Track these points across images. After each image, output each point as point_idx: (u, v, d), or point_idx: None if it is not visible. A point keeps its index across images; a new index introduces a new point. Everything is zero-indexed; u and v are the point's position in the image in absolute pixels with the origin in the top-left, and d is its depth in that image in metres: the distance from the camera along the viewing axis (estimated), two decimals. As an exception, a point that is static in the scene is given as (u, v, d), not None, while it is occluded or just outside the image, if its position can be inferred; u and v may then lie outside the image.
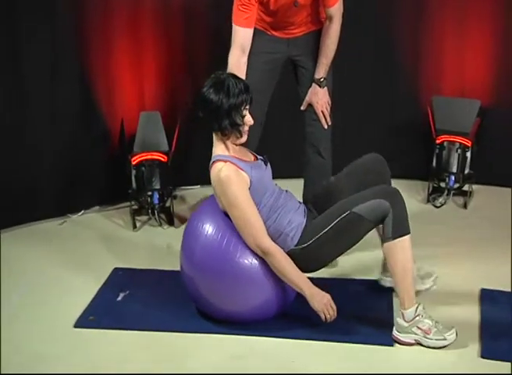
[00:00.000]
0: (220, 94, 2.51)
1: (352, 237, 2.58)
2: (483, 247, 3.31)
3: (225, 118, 2.53)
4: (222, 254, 2.56)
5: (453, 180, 3.83)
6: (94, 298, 2.89)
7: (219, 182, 2.54)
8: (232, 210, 2.54)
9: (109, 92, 3.79)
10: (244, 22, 2.87)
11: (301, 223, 2.61)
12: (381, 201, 2.50)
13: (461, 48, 4.00)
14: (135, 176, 3.62)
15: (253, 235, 2.52)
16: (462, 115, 3.87)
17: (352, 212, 2.52)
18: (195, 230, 2.63)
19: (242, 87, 2.53)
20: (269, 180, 2.68)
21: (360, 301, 2.83)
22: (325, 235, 2.56)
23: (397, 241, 2.50)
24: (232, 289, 2.57)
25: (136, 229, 3.58)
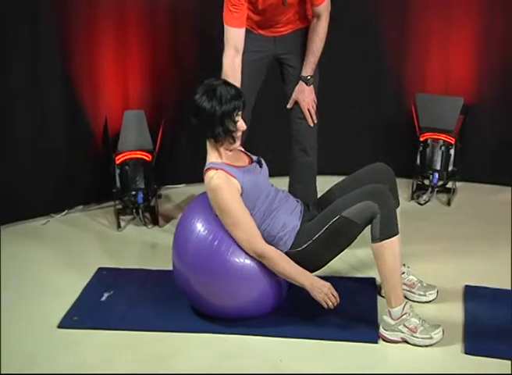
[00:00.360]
0: (213, 102, 2.51)
1: (344, 240, 2.60)
2: (467, 243, 3.32)
3: (219, 125, 2.53)
4: (213, 252, 2.56)
5: (437, 177, 3.84)
6: (78, 298, 2.87)
7: (211, 190, 2.56)
8: (223, 217, 2.55)
9: (93, 91, 3.76)
10: (236, 22, 2.87)
11: (295, 226, 2.62)
12: (369, 203, 2.51)
13: (445, 46, 4.00)
14: (119, 175, 3.60)
15: (247, 240, 2.53)
16: (446, 112, 3.88)
17: (341, 217, 2.54)
18: (187, 228, 2.63)
19: (234, 93, 2.54)
20: (264, 182, 2.67)
21: (347, 298, 2.81)
22: (317, 239, 2.57)
23: (385, 242, 2.51)
24: (225, 286, 2.57)
25: (121, 228, 3.57)
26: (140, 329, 2.65)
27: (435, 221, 3.63)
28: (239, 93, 2.56)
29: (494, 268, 3.07)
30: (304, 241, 2.59)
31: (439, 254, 3.23)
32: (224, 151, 2.61)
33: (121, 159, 3.58)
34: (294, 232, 2.61)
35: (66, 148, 3.70)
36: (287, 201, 2.69)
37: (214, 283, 2.57)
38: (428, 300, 2.81)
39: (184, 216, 2.72)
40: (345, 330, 2.61)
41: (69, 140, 3.70)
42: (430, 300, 2.81)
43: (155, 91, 3.93)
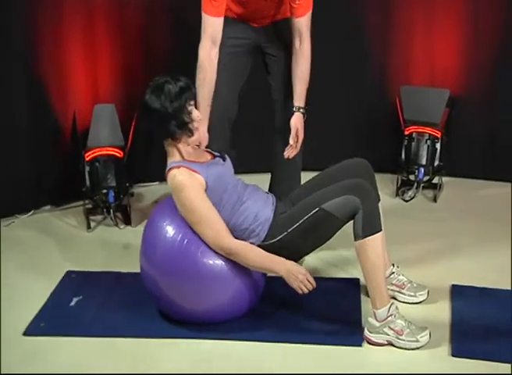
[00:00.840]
0: (161, 99, 2.52)
1: (322, 234, 2.61)
2: (454, 241, 3.35)
3: (173, 121, 2.54)
4: (183, 252, 2.56)
5: (423, 172, 3.86)
6: (46, 303, 2.85)
7: (174, 189, 2.56)
8: (188, 216, 2.55)
9: (60, 83, 3.75)
10: (214, 10, 2.85)
11: (268, 217, 2.62)
12: (350, 198, 2.52)
13: (430, 36, 4.03)
14: (89, 172, 3.59)
15: (213, 238, 2.53)
16: (431, 105, 3.91)
17: (321, 209, 2.54)
18: (155, 229, 2.63)
19: (183, 84, 2.55)
20: (229, 176, 2.69)
21: (329, 299, 2.84)
22: (294, 231, 2.58)
23: (367, 239, 2.52)
24: (196, 288, 2.56)
25: (91, 229, 3.55)
26: (112, 335, 2.64)
27: (421, 218, 3.65)
28: (187, 83, 2.57)
29: (482, 266, 3.09)
30: (278, 232, 2.60)
31: (425, 253, 3.25)
32: (184, 149, 2.62)
33: (91, 156, 3.57)
34: (268, 223, 2.62)
35: (32, 145, 3.68)
36: (257, 193, 2.71)
37: (184, 285, 2.56)
38: (418, 301, 2.83)
39: (152, 215, 2.72)
40: (327, 333, 2.61)
41: (34, 136, 3.68)
42: (420, 301, 2.83)
43: (127, 83, 3.92)
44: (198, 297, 2.58)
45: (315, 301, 2.80)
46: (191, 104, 2.57)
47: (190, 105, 2.57)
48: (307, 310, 2.76)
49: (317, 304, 2.79)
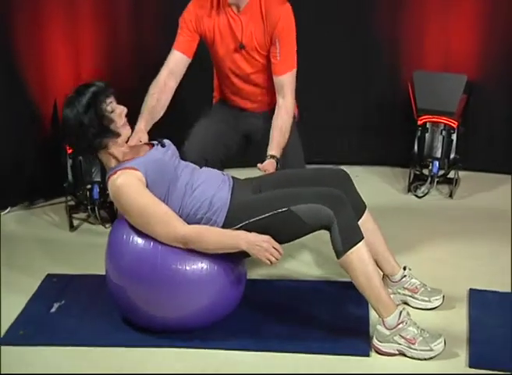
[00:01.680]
0: (75, 109, 2.56)
1: (285, 236, 2.62)
2: (471, 242, 3.35)
3: (96, 129, 2.56)
4: (153, 258, 2.56)
5: (437, 166, 3.87)
6: (24, 309, 2.85)
7: (115, 196, 2.58)
8: (135, 219, 2.58)
9: (40, 68, 3.74)
10: (177, 44, 3.07)
11: (225, 202, 2.64)
12: (323, 209, 2.53)
13: (445, 16, 4.02)
14: (71, 166, 3.60)
15: (164, 231, 2.55)
16: (446, 92, 3.90)
17: (289, 211, 2.56)
18: (121, 233, 2.64)
19: (95, 88, 2.58)
20: (173, 161, 2.69)
21: (334, 305, 2.85)
22: (254, 223, 2.59)
23: (350, 252, 2.53)
24: (168, 296, 2.57)
25: (74, 228, 3.57)
26: (96, 344, 2.64)
27: (436, 216, 3.66)
28: (99, 85, 2.60)
29: (503, 269, 3.09)
30: (237, 220, 2.61)
31: (439, 254, 3.25)
32: (118, 151, 2.64)
33: (73, 148, 3.55)
34: (225, 209, 2.63)
35: (8, 136, 3.67)
36: (211, 175, 2.72)
37: (155, 291, 2.56)
38: (432, 306, 2.83)
39: (118, 219, 2.74)
40: (332, 342, 2.61)
41: (11, 126, 3.68)
42: (435, 306, 2.83)
43: (112, 68, 3.91)
44: (170, 304, 2.59)
45: (316, 306, 2.82)
46: (110, 102, 2.59)
47: (109, 104, 2.59)
48: (307, 316, 2.77)
49: (318, 309, 2.80)
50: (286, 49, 3.04)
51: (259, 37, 3.04)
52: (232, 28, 3.05)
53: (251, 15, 3.03)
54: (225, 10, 3.05)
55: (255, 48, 3.06)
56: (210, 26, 3.06)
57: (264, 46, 3.06)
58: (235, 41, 3.06)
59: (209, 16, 3.06)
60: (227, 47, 3.08)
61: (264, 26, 3.03)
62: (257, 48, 3.06)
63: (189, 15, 3.08)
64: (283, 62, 3.05)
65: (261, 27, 3.03)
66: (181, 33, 3.09)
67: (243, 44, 3.05)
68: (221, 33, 3.06)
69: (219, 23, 3.06)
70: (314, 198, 2.57)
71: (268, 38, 3.04)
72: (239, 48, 3.07)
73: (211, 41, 3.10)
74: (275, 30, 3.02)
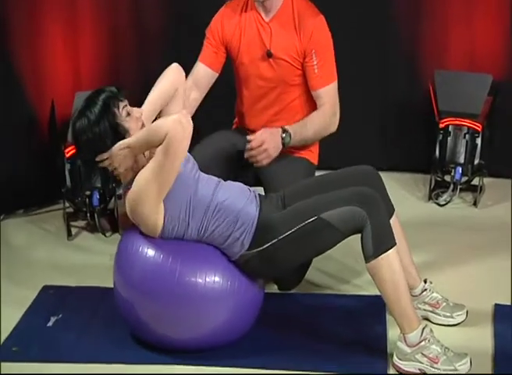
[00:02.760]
0: (86, 120, 2.53)
1: (317, 247, 2.62)
2: (497, 253, 3.35)
3: (111, 139, 2.53)
4: (160, 274, 2.56)
5: (460, 172, 3.86)
6: (19, 323, 2.86)
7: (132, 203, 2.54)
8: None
9: (36, 67, 3.76)
10: (202, 57, 3.17)
11: (253, 220, 2.61)
12: (356, 210, 2.53)
13: (469, 11, 4.02)
14: (69, 171, 3.61)
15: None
16: (470, 93, 3.90)
17: (320, 219, 2.55)
18: (132, 243, 2.64)
19: (106, 95, 2.55)
20: (193, 174, 2.65)
21: (347, 320, 2.86)
22: (285, 239, 2.58)
23: (381, 258, 2.53)
24: (181, 312, 2.56)
25: (72, 237, 3.58)
26: (95, 361, 2.64)
27: (459, 226, 3.66)
28: (110, 91, 2.57)
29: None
30: (266, 238, 2.59)
31: (463, 266, 3.25)
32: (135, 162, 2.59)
33: (72, 152, 3.56)
34: (253, 228, 2.61)
35: (3, 139, 3.68)
36: (237, 191, 2.69)
37: (166, 307, 2.56)
38: (455, 322, 2.83)
39: (125, 235, 2.73)
40: (347, 360, 2.62)
41: (5, 128, 3.68)
42: (458, 322, 2.83)
43: (113, 67, 3.94)
44: (183, 322, 2.58)
45: (330, 321, 2.83)
46: (124, 105, 2.56)
47: (124, 108, 2.56)
48: (320, 332, 2.78)
49: (333, 325, 2.81)
50: (324, 61, 3.08)
51: (291, 47, 3.07)
52: (261, 35, 3.09)
53: (282, 23, 3.08)
54: (254, 17, 3.10)
55: (285, 58, 3.09)
56: (237, 33, 3.11)
57: (296, 58, 3.08)
58: (262, 48, 3.09)
59: (237, 24, 3.12)
60: (253, 54, 3.11)
61: (297, 37, 3.07)
62: (287, 59, 3.08)
63: (215, 24, 3.14)
64: (322, 75, 3.09)
65: (294, 38, 3.07)
66: (207, 45, 3.16)
67: (270, 51, 3.07)
68: (247, 40, 3.10)
69: (247, 29, 3.10)
70: (344, 200, 2.56)
71: (302, 50, 3.07)
72: (266, 56, 3.09)
73: (236, 49, 3.13)
74: (310, 42, 3.06)
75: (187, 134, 2.46)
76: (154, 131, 2.49)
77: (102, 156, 2.57)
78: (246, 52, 3.12)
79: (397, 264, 2.55)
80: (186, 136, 2.45)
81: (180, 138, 2.43)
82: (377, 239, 2.52)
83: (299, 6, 3.09)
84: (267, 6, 3.07)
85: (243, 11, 3.13)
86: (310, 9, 3.11)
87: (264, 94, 3.15)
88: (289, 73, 3.11)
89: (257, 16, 3.10)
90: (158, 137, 2.45)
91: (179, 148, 2.44)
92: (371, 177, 2.80)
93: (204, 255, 2.61)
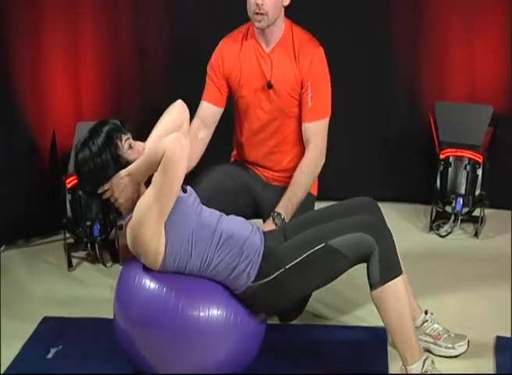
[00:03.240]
0: (88, 151, 2.54)
1: (325, 275, 2.62)
2: (498, 285, 3.36)
3: (112, 170, 2.55)
4: (162, 310, 2.55)
5: (461, 203, 3.88)
6: (18, 355, 2.86)
7: (132, 231, 2.54)
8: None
9: (38, 97, 3.79)
10: (206, 95, 3.20)
11: (258, 250, 2.61)
12: (363, 236, 2.54)
13: (469, 43, 4.07)
14: (70, 201, 3.62)
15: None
16: (471, 124, 3.93)
17: (327, 246, 2.56)
18: (128, 284, 2.63)
19: (108, 128, 2.56)
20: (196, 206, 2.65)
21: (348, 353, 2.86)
22: (291, 269, 2.58)
23: (387, 285, 2.54)
24: (181, 347, 2.55)
25: (72, 268, 3.58)
26: (96, 393, 2.65)
27: (460, 257, 3.67)
28: (114, 123, 2.59)
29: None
30: (273, 269, 2.59)
31: (464, 298, 3.27)
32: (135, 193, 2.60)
33: (73, 182, 3.59)
34: (259, 259, 2.60)
35: (4, 169, 3.70)
36: (240, 223, 2.69)
37: (166, 341, 2.54)
38: (456, 353, 2.83)
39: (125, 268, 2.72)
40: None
41: (6, 158, 3.71)
42: (459, 353, 2.83)
43: (114, 98, 3.97)
44: (183, 357, 2.56)
45: (332, 353, 2.83)
46: (127, 138, 2.58)
47: (127, 140, 2.57)
48: (321, 364, 2.78)
49: (334, 357, 2.81)
50: (319, 95, 3.10)
51: (291, 78, 3.10)
52: (261, 66, 3.11)
53: (282, 54, 3.11)
54: (255, 48, 3.13)
55: (284, 89, 3.11)
56: (237, 66, 3.14)
57: (295, 88, 3.11)
58: (263, 79, 3.12)
59: (237, 56, 3.14)
60: (254, 86, 3.14)
61: (296, 67, 3.09)
62: (287, 90, 3.11)
63: (216, 59, 3.17)
64: (315, 108, 3.11)
65: (293, 68, 3.10)
66: (209, 82, 3.19)
67: (271, 82, 3.10)
68: (248, 72, 3.13)
69: (247, 61, 3.13)
70: (351, 227, 2.58)
71: (300, 80, 3.10)
72: (266, 87, 3.12)
73: (236, 81, 3.15)
74: (308, 73, 3.08)
75: (186, 152, 2.46)
76: (152, 152, 2.50)
77: (103, 187, 2.58)
78: (246, 84, 3.15)
79: (403, 293, 2.56)
80: (184, 153, 2.46)
81: (178, 155, 2.44)
82: (384, 266, 2.53)
83: (299, 37, 3.12)
84: (267, 36, 3.10)
85: (244, 41, 3.16)
86: (310, 41, 3.14)
87: (264, 125, 3.18)
88: (289, 105, 3.14)
89: (258, 47, 3.13)
90: (157, 157, 2.45)
91: (177, 166, 2.45)
92: (371, 209, 2.82)
93: (206, 289, 2.59)
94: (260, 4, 2.99)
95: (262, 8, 3.00)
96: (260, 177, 3.26)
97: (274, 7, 3.02)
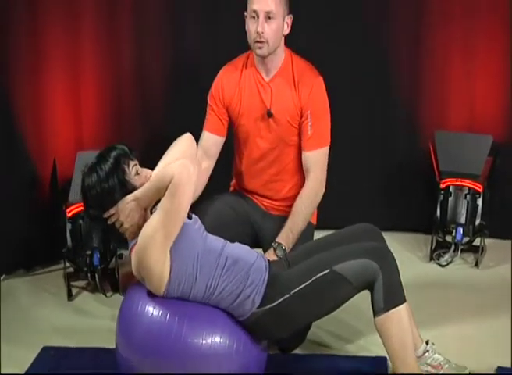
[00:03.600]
0: (95, 176, 2.57)
1: (330, 301, 2.64)
2: (499, 315, 3.37)
3: (119, 195, 2.57)
4: (165, 336, 2.56)
5: (462, 232, 3.90)
6: (18, 385, 2.87)
7: (137, 257, 2.55)
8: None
9: (38, 126, 3.82)
10: (207, 125, 3.23)
11: (263, 278, 2.63)
12: (368, 263, 2.57)
13: (468, 73, 4.12)
14: (71, 231, 3.63)
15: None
16: (471, 153, 3.97)
17: (332, 271, 2.58)
18: (131, 310, 2.64)
19: (115, 153, 2.59)
20: (201, 233, 2.68)
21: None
22: (296, 295, 2.60)
23: (391, 312, 2.56)
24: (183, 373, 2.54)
25: (72, 297, 3.60)
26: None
27: (460, 287, 3.69)
28: (121, 149, 2.62)
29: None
30: (278, 295, 2.61)
31: (464, 328, 3.28)
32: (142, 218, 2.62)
33: (73, 212, 3.61)
34: (264, 284, 2.62)
35: (4, 198, 3.72)
36: (245, 250, 2.72)
37: (170, 368, 2.54)
38: None
39: (128, 294, 2.73)
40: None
41: (7, 187, 3.73)
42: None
43: (115, 127, 4.00)
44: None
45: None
46: (134, 164, 2.61)
47: (134, 166, 2.61)
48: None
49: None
50: (318, 124, 3.13)
51: (290, 106, 3.13)
52: (261, 95, 3.15)
53: (282, 83, 3.14)
54: (255, 77, 3.16)
55: (284, 118, 3.14)
56: (237, 95, 3.17)
57: (295, 117, 3.14)
58: (263, 108, 3.15)
59: (236, 85, 3.17)
60: (254, 114, 3.17)
61: (296, 96, 3.12)
62: (287, 118, 3.14)
63: (216, 89, 3.21)
64: (315, 137, 3.13)
65: (293, 96, 3.13)
66: (210, 112, 3.22)
67: (271, 111, 3.13)
68: (248, 101, 3.16)
69: (246, 90, 3.16)
70: (355, 254, 2.60)
71: (299, 109, 3.13)
72: (266, 116, 3.15)
73: (236, 110, 3.18)
74: (307, 102, 3.11)
75: (193, 179, 2.50)
76: (160, 177, 2.53)
77: (109, 212, 2.60)
78: (246, 114, 3.18)
79: (406, 321, 2.58)
80: (191, 180, 2.49)
81: (186, 181, 2.47)
82: (388, 293, 2.55)
83: (298, 66, 3.16)
84: (267, 64, 3.13)
85: (243, 69, 3.18)
86: (309, 70, 3.18)
87: (264, 154, 3.21)
88: (288, 133, 3.16)
89: (258, 76, 3.17)
90: (165, 182, 2.49)
91: (184, 191, 2.47)
92: (374, 235, 2.85)
93: (209, 316, 2.61)
94: (260, 32, 3.03)
95: (263, 37, 3.04)
96: (259, 207, 3.29)
97: (274, 35, 3.06)
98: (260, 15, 3.03)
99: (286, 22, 3.10)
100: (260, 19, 3.02)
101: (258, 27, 3.02)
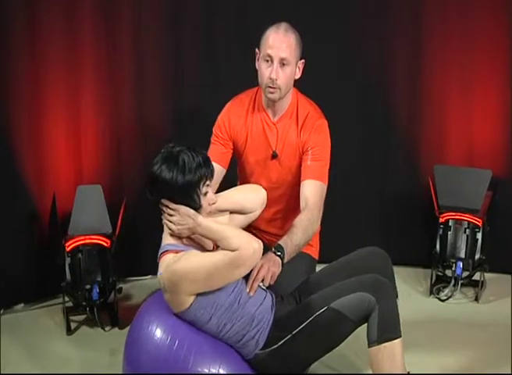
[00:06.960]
0: (174, 172, 2.58)
1: (331, 338, 2.69)
2: (500, 351, 3.41)
3: (180, 198, 2.62)
4: (172, 361, 2.61)
5: (461, 267, 3.94)
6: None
7: (171, 276, 2.58)
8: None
9: (38, 159, 3.87)
10: (210, 154, 3.13)
11: (268, 320, 2.70)
12: (364, 296, 2.62)
13: (468, 106, 4.19)
14: (69, 265, 3.67)
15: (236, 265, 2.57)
16: (470, 188, 4.02)
17: (330, 309, 2.64)
18: (140, 332, 2.69)
19: (200, 160, 2.62)
20: None
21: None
22: (298, 335, 2.66)
23: (383, 346, 2.60)
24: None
25: (71, 332, 3.64)
26: None
27: (460, 321, 3.73)
28: (206, 159, 2.65)
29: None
30: (280, 336, 2.66)
31: (463, 363, 3.32)
32: None
33: (72, 245, 3.66)
34: (267, 327, 2.68)
35: (3, 232, 3.77)
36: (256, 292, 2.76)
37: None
38: None
39: (139, 313, 2.80)
40: None
41: (5, 221, 3.77)
42: None
43: (115, 161, 4.06)
44: None
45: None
46: (207, 184, 2.63)
47: (206, 186, 2.63)
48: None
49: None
50: (318, 160, 3.16)
51: (295, 147, 3.19)
52: (267, 136, 3.22)
53: (288, 123, 3.20)
54: (261, 116, 3.23)
55: (289, 158, 3.21)
56: (243, 132, 3.23)
57: (298, 156, 3.19)
58: (268, 149, 3.23)
59: (243, 123, 3.24)
60: (259, 154, 3.24)
61: (298, 138, 3.18)
62: (291, 159, 3.20)
63: (222, 120, 3.26)
64: (314, 167, 3.15)
65: (297, 136, 3.19)
66: (214, 142, 3.27)
67: (276, 152, 3.22)
68: (254, 141, 3.23)
69: (253, 129, 3.22)
70: (352, 288, 2.65)
71: (301, 147, 3.18)
72: (271, 157, 3.22)
73: (242, 148, 3.26)
74: (308, 140, 3.17)
75: (255, 261, 2.58)
76: (226, 239, 2.56)
77: (169, 204, 2.63)
78: (251, 152, 3.24)
79: (400, 357, 2.61)
80: (253, 262, 2.57)
81: (247, 260, 2.53)
82: (383, 325, 2.60)
83: (303, 108, 3.21)
84: (275, 106, 3.19)
85: (250, 106, 3.24)
86: (313, 111, 3.23)
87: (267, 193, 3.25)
88: (292, 173, 3.22)
89: (265, 116, 3.22)
90: (227, 246, 2.54)
91: (242, 267, 2.54)
92: (379, 259, 2.91)
93: (218, 349, 2.67)
94: (274, 79, 3.07)
95: (276, 84, 3.09)
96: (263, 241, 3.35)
97: (287, 82, 3.11)
98: (274, 61, 3.06)
99: (298, 66, 3.14)
100: (274, 64, 3.06)
101: (272, 74, 3.06)
